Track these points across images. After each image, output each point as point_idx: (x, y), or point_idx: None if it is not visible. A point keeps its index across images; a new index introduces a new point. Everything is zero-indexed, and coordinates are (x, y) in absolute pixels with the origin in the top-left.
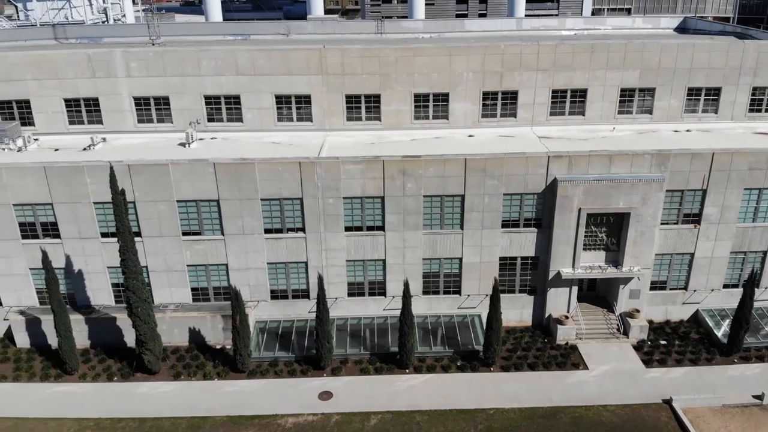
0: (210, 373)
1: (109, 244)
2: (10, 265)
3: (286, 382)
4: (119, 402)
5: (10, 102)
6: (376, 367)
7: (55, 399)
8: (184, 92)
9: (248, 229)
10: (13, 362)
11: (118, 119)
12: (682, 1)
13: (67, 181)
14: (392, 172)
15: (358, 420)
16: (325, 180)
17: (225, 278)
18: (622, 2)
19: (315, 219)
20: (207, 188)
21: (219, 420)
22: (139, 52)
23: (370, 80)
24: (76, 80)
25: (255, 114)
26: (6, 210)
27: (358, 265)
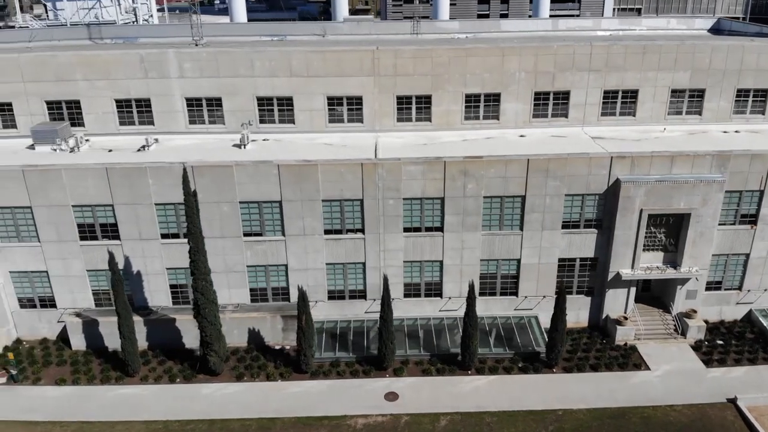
0: (272, 373)
1: (169, 245)
2: (67, 267)
3: (350, 383)
4: (185, 404)
5: (59, 102)
6: (438, 368)
7: (119, 402)
8: (236, 93)
9: (309, 229)
10: (70, 365)
11: (169, 120)
12: (692, 1)
13: (129, 183)
14: (453, 172)
15: (427, 421)
16: (386, 181)
17: (284, 279)
18: (632, 2)
19: (374, 220)
20: (270, 189)
21: (288, 421)
22: (192, 52)
23: (421, 81)
24: (128, 81)
25: (307, 115)
26: (65, 211)
27: (415, 266)
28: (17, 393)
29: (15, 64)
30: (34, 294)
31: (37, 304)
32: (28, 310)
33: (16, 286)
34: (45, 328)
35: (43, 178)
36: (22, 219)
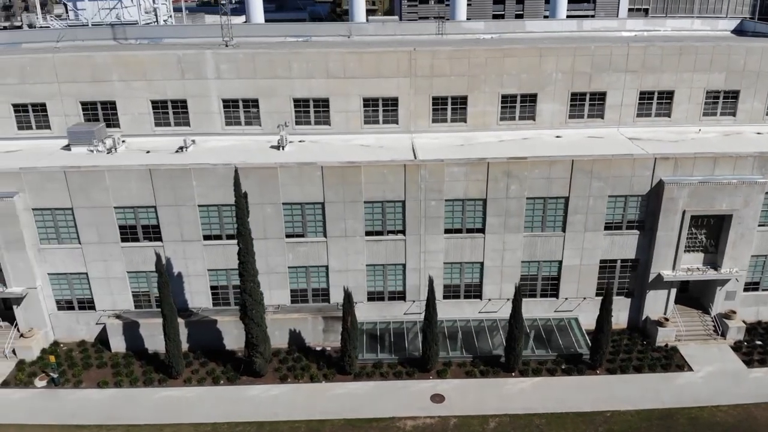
0: (316, 375)
1: (211, 246)
2: (108, 269)
3: (394, 385)
4: (231, 406)
5: (94, 103)
6: (481, 370)
7: (164, 404)
8: (273, 95)
9: (350, 231)
10: (111, 367)
11: (205, 121)
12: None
13: (173, 184)
14: (496, 173)
15: (476, 423)
16: (429, 182)
17: (324, 280)
18: (640, 3)
19: (415, 221)
20: (313, 191)
21: (337, 423)
22: (230, 54)
23: (458, 81)
24: (165, 81)
25: (342, 117)
26: (107, 213)
27: (455, 268)
28: (59, 396)
29: (49, 64)
30: (72, 296)
31: (75, 306)
32: (66, 312)
33: (54, 288)
34: (83, 330)
35: (85, 180)
36: (63, 221)
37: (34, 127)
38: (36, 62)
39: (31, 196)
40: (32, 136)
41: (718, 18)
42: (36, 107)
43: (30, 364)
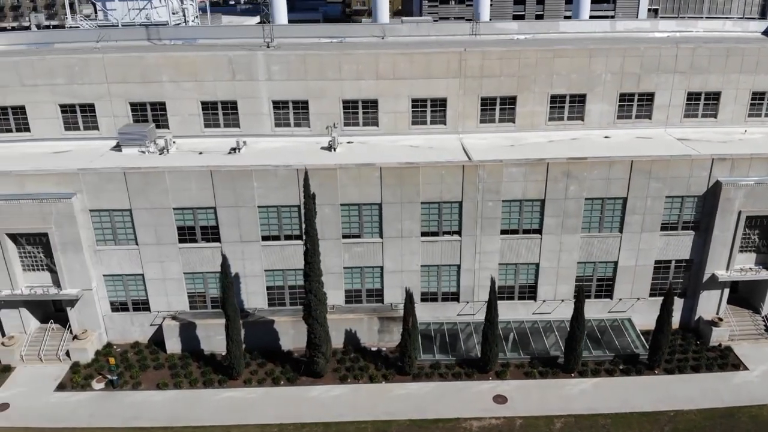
0: (375, 375)
1: (269, 247)
2: (165, 270)
3: (455, 385)
4: (295, 406)
5: (143, 104)
6: (540, 371)
7: (227, 405)
8: (323, 96)
9: (406, 232)
10: (168, 368)
11: (255, 123)
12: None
13: (234, 185)
14: (556, 174)
15: (542, 423)
16: (487, 183)
17: (378, 280)
18: (649, 3)
19: (472, 222)
20: (371, 192)
21: (403, 423)
22: (281, 55)
23: (507, 82)
24: (215, 83)
25: (391, 117)
26: (166, 213)
27: (510, 269)
28: (119, 398)
29: (99, 64)
30: (127, 297)
31: (129, 308)
32: (120, 313)
33: (109, 289)
34: (137, 331)
35: (145, 181)
36: (120, 222)
37: (81, 128)
38: (85, 62)
39: (89, 197)
40: (79, 137)
41: (749, 19)
42: (84, 108)
43: (85, 366)
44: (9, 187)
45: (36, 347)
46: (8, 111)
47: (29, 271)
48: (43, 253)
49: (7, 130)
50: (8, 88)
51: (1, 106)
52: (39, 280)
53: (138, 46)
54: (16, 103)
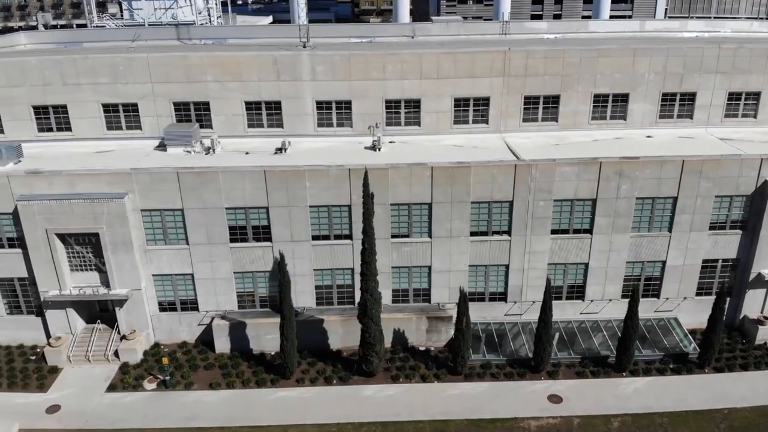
0: (427, 375)
1: (318, 247)
2: (215, 269)
3: (507, 385)
4: (350, 406)
5: (187, 104)
6: (592, 371)
7: (282, 404)
8: (366, 96)
9: (455, 231)
10: (219, 368)
11: (298, 123)
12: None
13: (287, 185)
14: (608, 173)
15: (599, 422)
16: (539, 182)
17: (426, 280)
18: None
19: (522, 222)
20: (421, 191)
21: (461, 423)
22: (326, 55)
23: (551, 81)
24: (260, 83)
25: (433, 117)
26: (218, 213)
27: (558, 269)
28: (172, 399)
29: (143, 64)
30: (175, 297)
31: (177, 308)
32: (168, 313)
33: (157, 289)
34: (184, 331)
35: (198, 180)
36: (171, 221)
37: (124, 128)
38: (129, 62)
39: (141, 196)
40: (121, 137)
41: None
42: (127, 107)
43: (134, 366)
44: (59, 186)
45: (83, 348)
46: (49, 110)
47: (76, 272)
48: (92, 253)
49: (48, 129)
50: (50, 86)
51: (42, 105)
52: (86, 281)
53: (169, 46)
54: (58, 102)
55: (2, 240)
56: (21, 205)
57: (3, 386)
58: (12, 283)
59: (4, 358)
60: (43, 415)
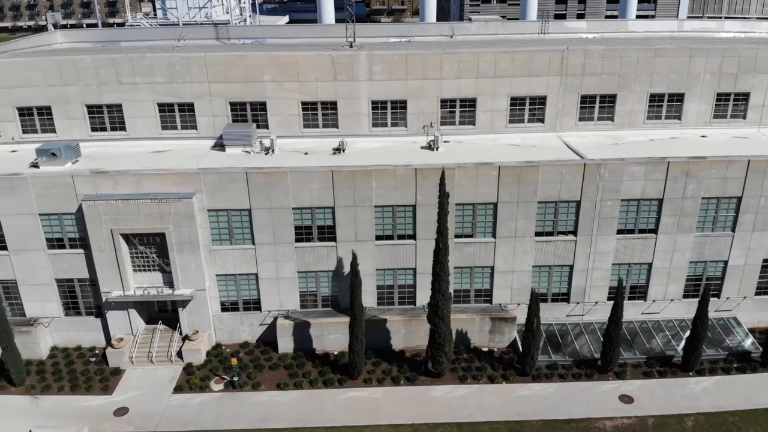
0: (495, 376)
1: (382, 246)
2: (279, 269)
3: (577, 386)
4: (421, 407)
5: (243, 104)
6: (659, 371)
7: (353, 405)
8: (422, 96)
9: (520, 231)
10: (284, 368)
11: (353, 123)
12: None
13: (354, 185)
14: (675, 173)
15: (673, 422)
16: (607, 182)
17: (488, 280)
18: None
19: (588, 222)
20: (488, 191)
21: (536, 424)
22: (384, 55)
23: (608, 80)
24: (317, 83)
25: (488, 116)
26: (285, 213)
27: (622, 269)
28: (243, 400)
29: (200, 63)
30: (238, 297)
31: (240, 307)
32: (230, 313)
33: (220, 289)
34: (246, 331)
35: (267, 181)
36: (238, 222)
37: (179, 127)
38: (187, 61)
39: (209, 197)
40: (176, 136)
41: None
42: (183, 107)
43: (198, 367)
44: (125, 187)
45: (145, 349)
46: (103, 109)
47: (138, 272)
48: (156, 253)
49: (101, 128)
50: (105, 85)
51: (97, 104)
52: (148, 281)
53: (210, 45)
54: (113, 101)
55: (63, 240)
56: (86, 206)
57: (66, 389)
58: (71, 283)
59: (63, 360)
60: (111, 418)
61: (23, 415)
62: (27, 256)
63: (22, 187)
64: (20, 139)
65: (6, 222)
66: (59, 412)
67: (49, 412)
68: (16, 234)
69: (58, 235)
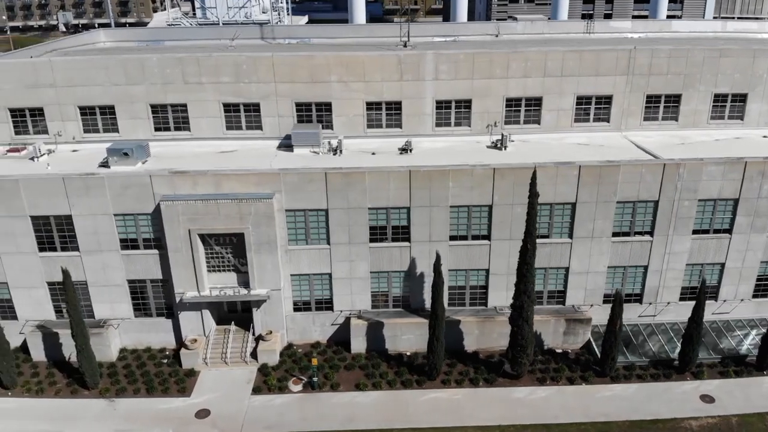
0: (574, 377)
1: (455, 247)
2: (353, 269)
3: (656, 386)
4: (505, 408)
5: (309, 104)
6: (735, 370)
7: (435, 406)
8: (487, 95)
9: (597, 232)
10: (359, 369)
11: (417, 123)
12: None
13: (430, 185)
14: (752, 173)
15: (756, 420)
16: (686, 182)
17: (562, 282)
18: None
19: (665, 222)
20: (566, 191)
21: (622, 425)
22: (450, 54)
23: (673, 80)
24: (383, 83)
25: (553, 115)
26: (361, 213)
27: (695, 269)
28: (324, 400)
29: (267, 63)
30: (311, 297)
31: (312, 307)
32: (302, 313)
33: (294, 289)
34: (317, 331)
35: (345, 181)
36: (314, 222)
37: (244, 128)
38: (254, 61)
39: (287, 197)
40: (241, 137)
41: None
42: (248, 107)
43: (273, 368)
44: (204, 187)
45: (218, 350)
46: (168, 109)
47: (212, 272)
48: (232, 253)
49: (165, 128)
50: (171, 85)
51: (161, 103)
52: (221, 281)
53: (256, 45)
54: (177, 101)
55: (137, 241)
56: (164, 206)
57: (141, 391)
58: (143, 284)
59: (134, 361)
60: (193, 420)
61: (102, 418)
62: (99, 257)
63: (97, 187)
64: (81, 138)
65: (79, 222)
66: (138, 415)
67: (128, 415)
68: (88, 235)
69: (132, 235)
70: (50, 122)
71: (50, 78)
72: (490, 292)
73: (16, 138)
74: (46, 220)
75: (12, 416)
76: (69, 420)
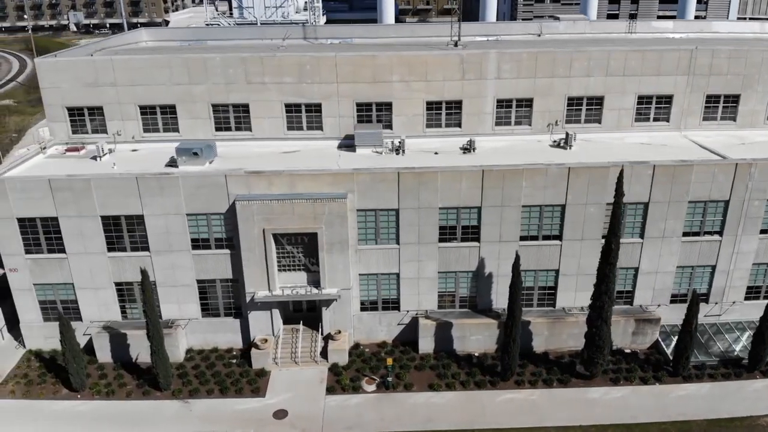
0: (647, 377)
1: (525, 247)
2: (421, 269)
3: (728, 385)
4: (583, 408)
5: (369, 104)
6: None
7: (512, 407)
8: (549, 94)
9: (668, 232)
10: (430, 369)
11: (476, 122)
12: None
13: (503, 184)
14: None
15: None
16: (756, 181)
17: (630, 282)
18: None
19: (735, 221)
20: (640, 191)
21: (702, 423)
22: (513, 53)
23: (733, 80)
24: (444, 82)
25: (614, 114)
26: (432, 213)
27: (761, 269)
28: (400, 401)
29: (330, 63)
30: (378, 296)
31: (379, 307)
32: (369, 312)
33: (362, 288)
34: (383, 331)
35: (417, 181)
36: (385, 221)
37: (304, 128)
38: (317, 62)
39: (359, 197)
40: (302, 137)
41: None
42: (310, 107)
43: (343, 367)
44: (279, 187)
45: (288, 350)
46: (229, 108)
47: (282, 272)
48: (303, 253)
49: (226, 128)
50: (233, 84)
51: (223, 103)
52: (291, 281)
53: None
54: (239, 101)
55: (209, 241)
56: (240, 205)
57: (215, 392)
58: (213, 284)
59: (203, 362)
60: (272, 421)
61: (179, 420)
62: (170, 257)
63: (171, 187)
64: (140, 138)
65: (151, 222)
66: (216, 417)
67: (205, 417)
68: (160, 235)
69: (204, 235)
70: (110, 121)
71: (111, 77)
72: (558, 293)
73: (73, 137)
74: (116, 220)
75: (86, 419)
76: (145, 422)
